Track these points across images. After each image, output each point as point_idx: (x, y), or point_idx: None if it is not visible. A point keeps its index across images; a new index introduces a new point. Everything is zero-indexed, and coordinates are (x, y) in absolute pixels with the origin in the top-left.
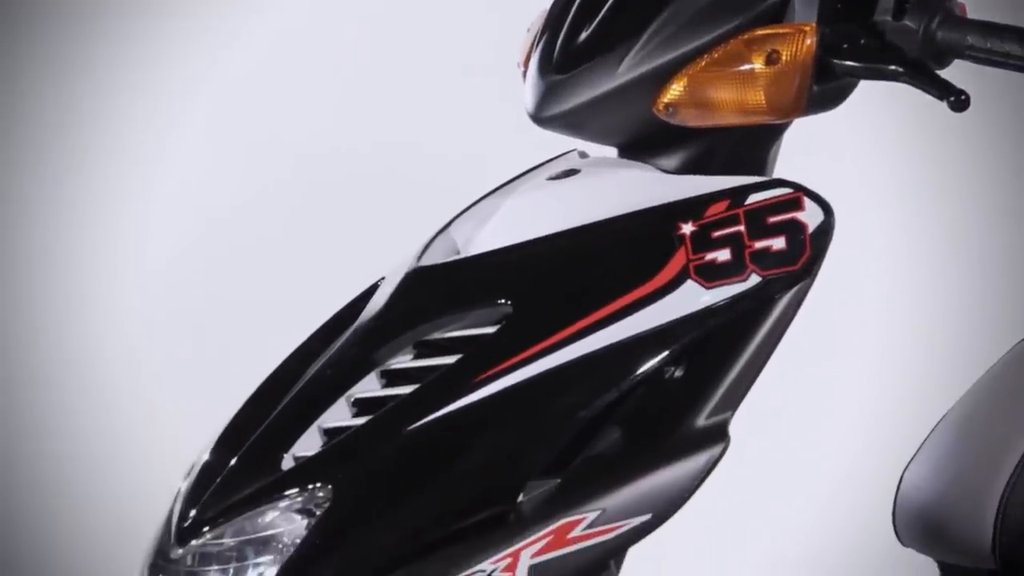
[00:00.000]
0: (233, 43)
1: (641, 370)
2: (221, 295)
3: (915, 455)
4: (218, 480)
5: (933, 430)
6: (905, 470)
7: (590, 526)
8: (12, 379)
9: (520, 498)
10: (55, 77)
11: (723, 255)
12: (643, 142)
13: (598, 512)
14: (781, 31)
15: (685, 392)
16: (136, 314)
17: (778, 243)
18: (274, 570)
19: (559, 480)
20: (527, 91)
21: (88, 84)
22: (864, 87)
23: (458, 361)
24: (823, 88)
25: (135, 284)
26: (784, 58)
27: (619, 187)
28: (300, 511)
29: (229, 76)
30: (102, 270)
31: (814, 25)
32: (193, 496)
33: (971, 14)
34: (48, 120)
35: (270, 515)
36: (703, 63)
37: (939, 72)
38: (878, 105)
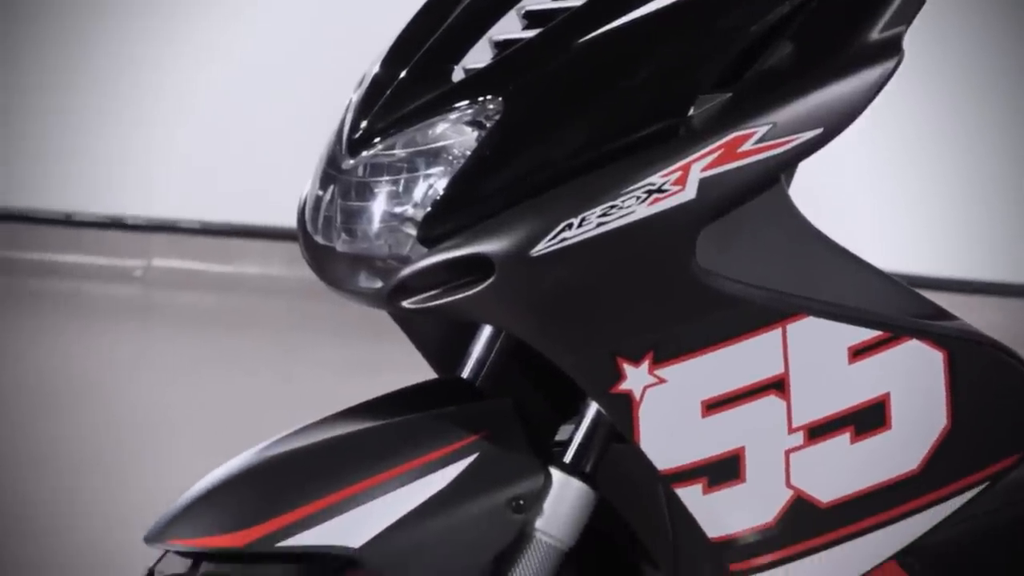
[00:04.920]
0: None
1: None
2: None
3: None
4: (388, 92)
5: None
6: None
7: (760, 140)
8: None
9: (691, 112)
10: None
11: None
12: None
13: (769, 126)
14: None
15: (858, 5)
16: None
17: None
18: (444, 182)
19: (730, 94)
20: None
21: None
22: None
23: None
24: None
25: None
26: None
27: None
28: (471, 123)
29: None
30: None
31: None
32: (364, 107)
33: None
34: None
35: (441, 127)
36: None
37: None
38: None
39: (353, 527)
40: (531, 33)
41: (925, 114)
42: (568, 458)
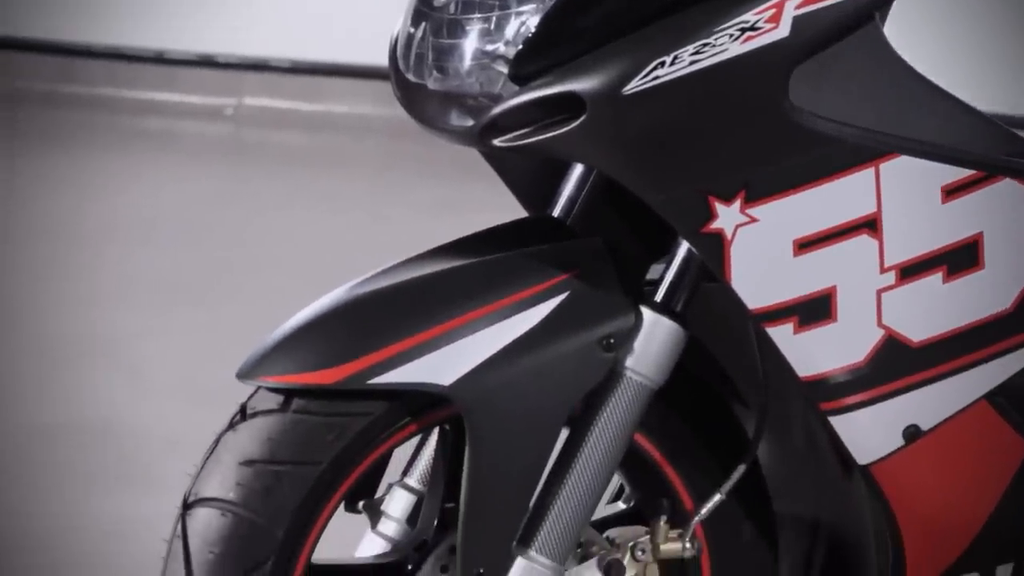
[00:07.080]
0: None
1: None
2: None
3: None
4: None
5: None
6: None
7: None
8: None
9: None
10: None
11: None
12: None
13: None
14: None
15: None
16: None
17: None
18: (536, 19)
19: None
20: None
21: None
22: None
23: None
24: None
25: None
26: None
27: None
28: None
29: None
30: None
31: None
32: None
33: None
34: None
35: None
36: None
37: None
38: None
39: (443, 365)
40: None
41: None
42: (659, 297)
